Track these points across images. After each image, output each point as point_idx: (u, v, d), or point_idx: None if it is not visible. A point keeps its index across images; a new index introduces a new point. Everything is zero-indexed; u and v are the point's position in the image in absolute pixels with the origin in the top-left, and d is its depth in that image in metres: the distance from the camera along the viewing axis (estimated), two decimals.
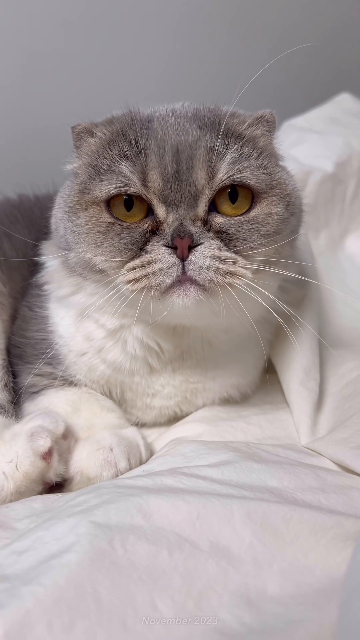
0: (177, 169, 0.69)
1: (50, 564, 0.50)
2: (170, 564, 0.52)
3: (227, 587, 0.51)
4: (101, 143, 0.75)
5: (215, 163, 0.69)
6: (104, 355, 0.82)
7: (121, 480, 0.66)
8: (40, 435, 0.70)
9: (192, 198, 0.69)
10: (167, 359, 0.82)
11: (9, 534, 0.59)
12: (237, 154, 0.71)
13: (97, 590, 0.48)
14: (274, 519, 0.57)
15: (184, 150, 0.69)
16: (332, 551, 0.55)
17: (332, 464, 0.73)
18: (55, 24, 1.69)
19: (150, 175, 0.69)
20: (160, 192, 0.69)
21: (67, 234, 0.75)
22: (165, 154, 0.69)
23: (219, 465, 0.66)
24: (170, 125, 0.73)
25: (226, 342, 0.83)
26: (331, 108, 1.68)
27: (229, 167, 0.70)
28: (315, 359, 0.86)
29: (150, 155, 0.69)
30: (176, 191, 0.68)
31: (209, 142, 0.70)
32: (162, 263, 0.67)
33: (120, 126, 0.75)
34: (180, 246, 0.66)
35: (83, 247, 0.73)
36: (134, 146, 0.71)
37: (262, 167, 0.74)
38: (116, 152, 0.72)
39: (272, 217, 0.72)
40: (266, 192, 0.73)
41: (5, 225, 0.96)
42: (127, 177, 0.70)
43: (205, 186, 0.69)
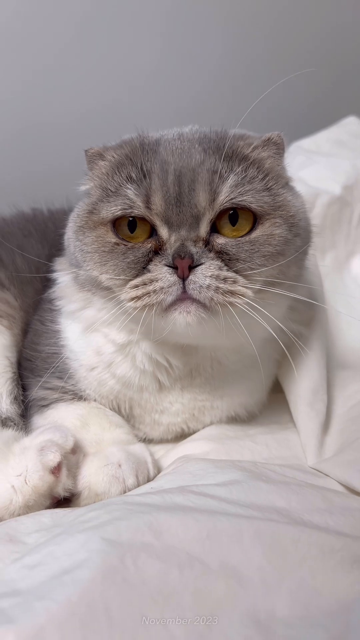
0: (179, 192, 0.70)
1: (62, 579, 0.50)
2: (181, 582, 0.52)
3: (237, 608, 0.51)
4: (111, 166, 0.77)
5: (218, 185, 0.71)
6: (114, 370, 0.83)
7: (131, 497, 0.66)
8: (50, 449, 0.70)
9: (193, 219, 0.70)
10: (176, 376, 0.83)
11: (18, 548, 0.59)
12: (240, 177, 0.72)
13: (109, 607, 0.48)
14: (282, 539, 0.58)
15: (186, 173, 0.71)
16: (339, 574, 0.55)
17: (338, 485, 0.73)
18: (57, 27, 1.71)
19: (153, 198, 0.71)
20: (163, 213, 0.71)
21: (76, 252, 0.78)
22: (167, 177, 0.71)
23: (228, 485, 0.67)
24: (175, 149, 0.75)
25: (236, 362, 0.84)
26: (338, 131, 1.71)
27: (231, 190, 0.71)
28: (323, 380, 0.87)
29: (154, 178, 0.71)
30: (178, 213, 0.70)
31: (212, 165, 0.72)
32: (163, 282, 0.69)
33: (129, 150, 0.77)
34: (181, 266, 0.68)
35: (90, 265, 0.75)
36: (139, 170, 0.73)
37: (265, 190, 0.75)
38: (124, 175, 0.74)
39: (273, 238, 0.73)
40: (269, 213, 0.74)
41: (18, 239, 0.98)
42: (131, 200, 0.72)
43: (206, 208, 0.71)
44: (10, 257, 0.95)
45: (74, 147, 1.74)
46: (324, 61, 2.15)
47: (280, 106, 1.97)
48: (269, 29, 2.04)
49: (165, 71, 1.90)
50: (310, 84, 2.11)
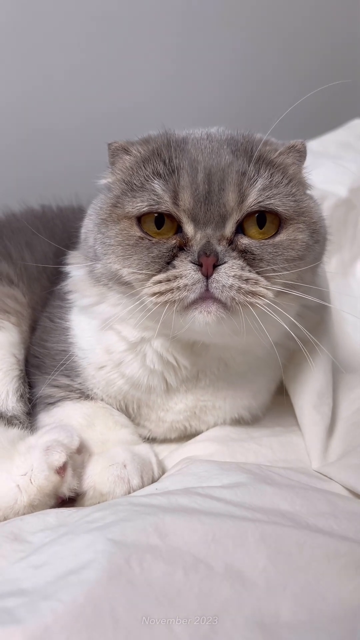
0: (209, 190, 0.70)
1: (68, 579, 0.50)
2: (186, 584, 0.52)
3: (242, 611, 0.51)
4: (136, 161, 0.77)
5: (246, 188, 0.71)
6: (123, 370, 0.83)
7: (136, 498, 0.66)
8: (56, 449, 0.70)
9: (220, 218, 0.70)
10: (183, 377, 0.83)
11: (24, 547, 0.60)
12: (268, 181, 0.73)
13: (114, 608, 0.48)
14: (287, 543, 0.58)
15: (216, 173, 0.71)
16: (344, 578, 0.55)
17: (342, 489, 0.73)
18: (62, 33, 1.71)
19: (181, 194, 0.71)
20: (190, 210, 0.71)
21: (97, 245, 0.77)
22: (197, 175, 0.71)
23: (233, 487, 0.67)
24: (204, 148, 0.75)
25: (242, 364, 0.84)
26: (345, 133, 1.71)
27: (259, 193, 0.72)
28: (329, 383, 0.87)
29: (182, 175, 0.71)
30: (206, 211, 0.70)
31: (240, 167, 0.72)
32: (187, 279, 0.68)
33: (156, 145, 0.77)
34: (206, 264, 0.68)
35: (111, 258, 0.74)
36: (167, 165, 0.73)
37: (290, 195, 0.75)
38: (150, 170, 0.74)
39: (296, 243, 0.74)
40: (293, 218, 0.75)
41: (27, 235, 0.98)
42: (159, 195, 0.72)
43: (234, 208, 0.71)
44: (19, 253, 0.95)
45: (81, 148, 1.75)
46: (330, 64, 2.15)
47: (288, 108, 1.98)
48: (279, 35, 2.04)
49: (172, 77, 1.90)
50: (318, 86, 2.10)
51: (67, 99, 1.75)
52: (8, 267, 0.94)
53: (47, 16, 1.67)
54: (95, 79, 1.77)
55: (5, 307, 0.89)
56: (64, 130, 1.76)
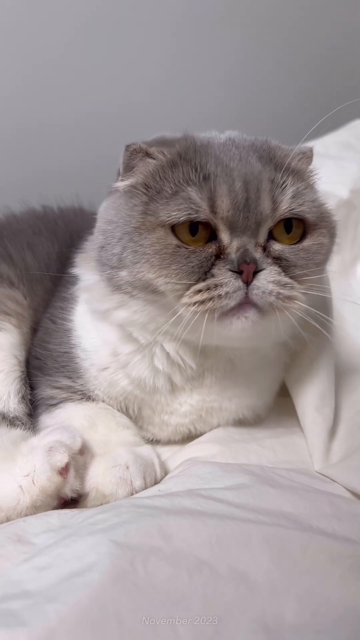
0: (247, 197, 0.71)
1: (72, 582, 0.50)
2: (190, 587, 0.52)
3: (246, 613, 0.51)
4: (160, 164, 0.75)
5: (278, 195, 0.73)
6: (129, 371, 0.83)
7: (139, 499, 0.66)
8: (58, 450, 0.70)
9: (256, 226, 0.71)
10: (188, 376, 0.83)
11: (27, 549, 0.60)
12: (295, 188, 0.74)
13: (119, 611, 0.48)
14: (291, 545, 0.58)
15: (252, 180, 0.72)
16: (348, 580, 0.55)
17: (345, 491, 0.73)
18: (61, 29, 1.71)
19: (219, 202, 0.70)
20: (229, 218, 0.71)
21: (126, 253, 0.73)
22: (234, 183, 0.71)
23: (236, 489, 0.67)
24: (234, 155, 0.75)
25: (249, 362, 0.84)
26: (346, 134, 1.71)
27: (291, 201, 0.73)
28: (331, 385, 0.87)
29: (219, 183, 0.71)
30: (244, 219, 0.71)
31: (270, 175, 0.73)
32: (229, 287, 0.69)
33: (182, 149, 0.75)
34: (247, 271, 0.69)
35: (145, 267, 0.72)
36: (199, 171, 0.72)
37: (313, 201, 0.77)
38: (180, 175, 0.72)
39: (322, 247, 0.76)
40: (317, 224, 0.77)
41: (28, 236, 0.97)
42: (196, 203, 0.70)
43: (269, 215, 0.72)
44: (20, 255, 0.95)
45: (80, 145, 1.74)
46: (332, 64, 2.15)
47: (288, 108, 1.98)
48: (279, 34, 2.04)
49: (171, 74, 1.90)
50: (319, 86, 2.11)
51: (66, 97, 1.76)
52: (8, 269, 0.93)
53: (46, 13, 1.67)
54: (94, 77, 1.78)
55: (6, 309, 0.89)
56: (63, 128, 1.76)
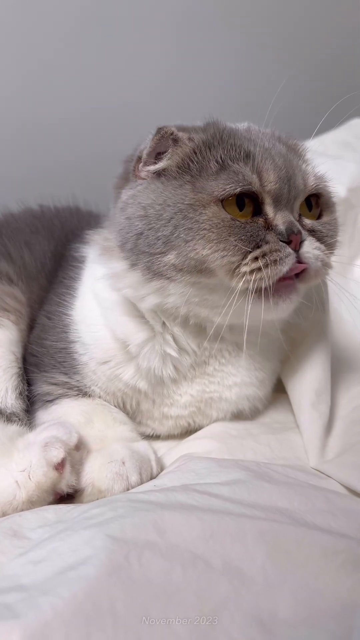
0: (287, 173, 0.76)
1: (67, 575, 0.50)
2: (184, 581, 0.52)
3: (240, 607, 0.51)
4: (197, 145, 0.77)
5: (304, 174, 0.80)
6: (140, 362, 0.83)
7: (134, 494, 0.67)
8: (54, 445, 0.71)
9: (294, 200, 0.77)
10: (192, 362, 0.84)
11: (23, 543, 0.60)
12: (314, 170, 0.83)
13: (113, 604, 0.49)
14: (285, 540, 0.58)
15: (287, 159, 0.78)
16: (342, 575, 0.55)
17: (340, 487, 0.73)
18: (61, 25, 1.71)
19: (266, 176, 0.75)
20: (275, 191, 0.75)
21: (178, 232, 0.72)
22: (276, 159, 0.76)
23: (231, 484, 0.67)
24: (262, 137, 0.81)
25: (254, 345, 0.84)
26: (345, 132, 1.71)
27: (315, 178, 0.82)
28: (327, 381, 0.87)
29: (263, 158, 0.75)
30: (287, 192, 0.76)
31: (294, 157, 0.81)
32: (282, 252, 0.73)
33: (214, 131, 0.78)
34: (295, 240, 0.74)
35: (200, 244, 0.72)
36: (239, 150, 0.75)
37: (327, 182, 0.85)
38: (221, 154, 0.75)
39: (337, 222, 0.85)
40: (329, 202, 0.85)
41: (26, 235, 0.98)
42: (247, 176, 0.73)
43: (302, 190, 0.79)
44: (18, 253, 0.96)
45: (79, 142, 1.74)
46: (331, 62, 2.15)
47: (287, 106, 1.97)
48: (279, 31, 2.04)
49: (171, 70, 1.90)
50: (317, 85, 2.11)
51: (65, 94, 1.76)
52: (8, 266, 0.94)
53: (45, 9, 1.67)
54: (93, 74, 1.78)
55: (5, 305, 0.89)
56: (62, 125, 1.76)
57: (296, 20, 2.06)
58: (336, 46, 2.15)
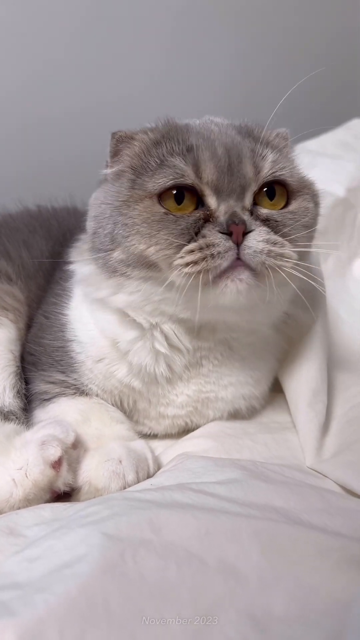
0: (229, 162, 0.74)
1: (62, 573, 0.50)
2: (179, 578, 0.53)
3: (234, 605, 0.52)
4: (145, 145, 0.79)
5: (259, 161, 0.76)
6: (130, 359, 0.83)
7: (130, 493, 0.67)
8: (51, 444, 0.71)
9: (241, 190, 0.74)
10: (187, 362, 0.83)
11: (19, 541, 0.60)
12: (276, 156, 0.78)
13: (108, 601, 0.49)
14: (280, 539, 0.58)
15: (232, 148, 0.75)
16: (337, 574, 0.56)
17: (336, 486, 0.74)
18: (61, 22, 1.71)
19: (203, 167, 0.73)
20: (214, 182, 0.73)
21: (117, 229, 0.75)
22: (216, 149, 0.74)
23: (227, 483, 0.67)
24: (213, 129, 0.79)
25: (246, 346, 0.85)
26: (344, 133, 1.72)
27: (272, 165, 0.76)
28: (324, 381, 0.87)
29: (202, 150, 0.74)
30: (229, 182, 0.73)
31: (250, 145, 0.77)
32: (220, 247, 0.70)
33: (164, 129, 0.80)
34: (236, 231, 0.70)
35: (136, 238, 0.73)
36: (182, 144, 0.75)
37: (293, 169, 0.81)
38: (164, 150, 0.76)
39: (308, 210, 0.79)
40: (299, 190, 0.80)
41: (24, 234, 0.98)
42: (181, 169, 0.73)
43: (252, 179, 0.75)
44: (17, 252, 0.96)
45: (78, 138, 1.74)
46: (330, 63, 2.15)
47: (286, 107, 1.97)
48: (279, 28, 2.04)
49: (170, 67, 1.91)
50: (317, 85, 2.11)
51: (64, 91, 1.76)
52: (7, 265, 0.94)
53: (45, 7, 1.68)
54: (92, 71, 1.78)
55: (4, 304, 0.89)
56: (61, 121, 1.76)
57: (298, 13, 2.06)
58: (337, 47, 2.15)
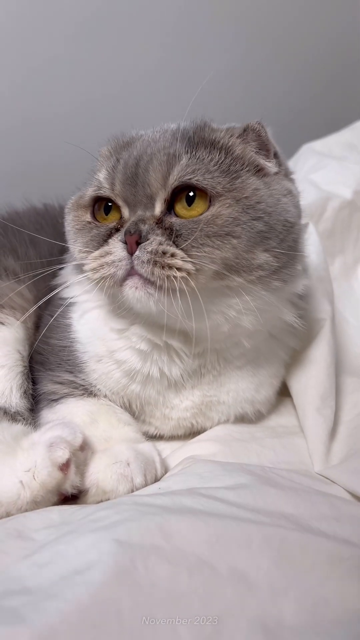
0: (135, 172, 0.75)
1: (73, 579, 0.50)
2: (190, 586, 0.52)
3: (245, 613, 0.51)
4: (102, 159, 0.85)
5: (172, 166, 0.73)
6: (117, 356, 0.84)
7: (140, 497, 0.66)
8: (59, 446, 0.70)
9: (148, 199, 0.74)
10: (185, 368, 0.83)
11: (27, 544, 0.59)
12: (195, 159, 0.74)
13: (119, 609, 0.48)
14: (290, 546, 0.58)
15: (143, 157, 0.76)
16: (347, 582, 0.55)
17: (345, 493, 0.73)
18: (59, 20, 1.70)
19: (116, 180, 0.77)
20: (121, 193, 0.76)
21: (67, 232, 0.85)
22: (128, 162, 0.77)
23: (236, 489, 0.67)
24: (146, 139, 0.80)
25: (239, 357, 0.85)
26: (350, 134, 1.71)
27: (181, 169, 0.73)
28: (332, 385, 0.87)
29: (120, 163, 0.78)
30: (133, 193, 0.75)
31: (174, 150, 0.74)
32: (115, 255, 0.73)
33: (112, 145, 0.85)
34: (129, 241, 0.71)
35: (71, 241, 0.83)
36: (113, 158, 0.80)
37: (224, 172, 0.74)
38: (104, 166, 0.81)
39: (219, 218, 0.71)
40: (221, 195, 0.73)
41: (31, 232, 0.97)
42: (99, 182, 0.79)
43: (159, 188, 0.74)
44: (24, 250, 0.95)
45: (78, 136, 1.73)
46: (335, 64, 2.14)
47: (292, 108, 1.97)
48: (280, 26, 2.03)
49: (169, 65, 1.90)
50: (322, 87, 2.10)
51: (67, 88, 1.75)
52: (15, 263, 0.93)
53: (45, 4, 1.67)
54: (92, 67, 1.77)
55: (12, 303, 0.89)
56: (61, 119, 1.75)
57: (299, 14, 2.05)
58: (341, 48, 2.14)
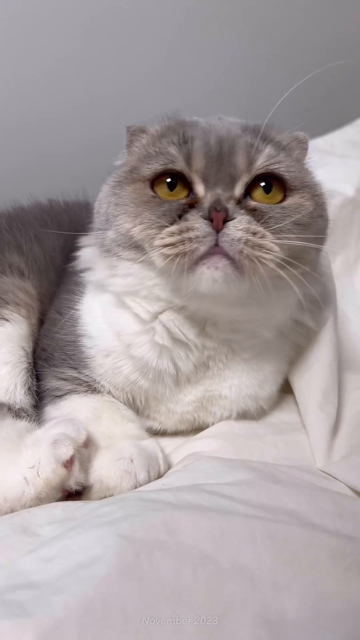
0: (220, 152, 0.74)
1: (78, 574, 0.51)
2: (194, 581, 0.53)
3: (248, 608, 0.52)
4: (152, 137, 0.82)
5: (255, 154, 0.75)
6: (132, 351, 0.83)
7: (144, 493, 0.67)
8: (63, 443, 0.70)
9: (230, 179, 0.74)
10: (195, 361, 0.83)
11: (32, 540, 0.60)
12: (275, 152, 0.77)
13: (124, 603, 0.49)
14: (293, 542, 0.58)
15: (226, 140, 0.76)
16: (350, 578, 0.56)
17: (347, 489, 0.74)
18: (61, 20, 1.71)
19: (194, 155, 0.74)
20: (202, 170, 0.74)
21: (110, 208, 0.79)
22: (210, 140, 0.75)
23: (239, 485, 0.67)
24: (215, 124, 0.81)
25: (248, 349, 0.85)
26: (352, 131, 1.71)
27: (267, 158, 0.75)
28: (335, 382, 0.87)
29: (196, 141, 0.75)
30: (217, 171, 0.73)
31: (249, 139, 0.77)
32: (199, 231, 0.70)
33: (169, 124, 0.83)
34: (216, 218, 0.70)
35: (123, 218, 0.77)
36: (181, 136, 0.77)
37: (295, 167, 0.79)
38: (165, 141, 0.78)
39: (303, 207, 0.76)
40: (298, 188, 0.78)
41: (35, 228, 0.98)
42: (173, 156, 0.76)
43: (243, 171, 0.74)
44: (29, 246, 0.95)
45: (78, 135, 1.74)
46: (338, 60, 2.13)
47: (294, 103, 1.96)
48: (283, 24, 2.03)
49: (172, 65, 1.90)
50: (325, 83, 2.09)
51: (65, 87, 1.75)
52: (19, 259, 0.94)
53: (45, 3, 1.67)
54: (93, 66, 1.77)
55: (16, 299, 0.89)
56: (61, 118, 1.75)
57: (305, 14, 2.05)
58: (344, 44, 2.14)
